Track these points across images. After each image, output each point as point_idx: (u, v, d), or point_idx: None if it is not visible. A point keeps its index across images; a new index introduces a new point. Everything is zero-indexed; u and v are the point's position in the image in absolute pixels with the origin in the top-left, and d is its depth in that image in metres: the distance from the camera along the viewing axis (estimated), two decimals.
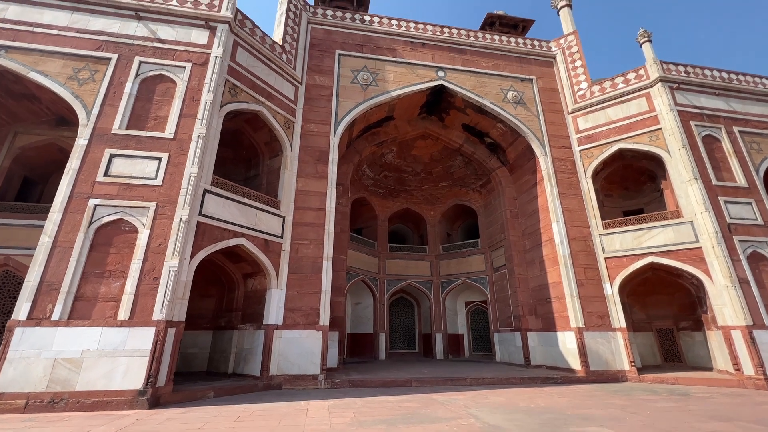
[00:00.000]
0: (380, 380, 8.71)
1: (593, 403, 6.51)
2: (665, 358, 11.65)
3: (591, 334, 10.10)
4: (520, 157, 13.19)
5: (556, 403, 6.57)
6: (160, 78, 8.33)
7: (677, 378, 9.22)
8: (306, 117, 11.04)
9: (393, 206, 16.92)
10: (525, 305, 12.38)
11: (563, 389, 8.21)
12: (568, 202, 11.59)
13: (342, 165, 13.04)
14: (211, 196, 7.97)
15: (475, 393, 7.67)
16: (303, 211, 9.92)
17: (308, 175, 10.34)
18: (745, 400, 6.93)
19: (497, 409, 5.98)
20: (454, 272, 15.67)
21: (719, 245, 9.36)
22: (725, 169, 10.54)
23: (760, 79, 12.24)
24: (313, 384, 8.36)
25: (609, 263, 10.83)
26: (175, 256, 6.89)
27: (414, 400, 6.78)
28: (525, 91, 13.11)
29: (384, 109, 12.64)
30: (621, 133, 11.68)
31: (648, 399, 7.00)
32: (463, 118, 13.60)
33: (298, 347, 8.61)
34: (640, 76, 11.87)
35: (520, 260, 12.98)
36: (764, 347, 8.53)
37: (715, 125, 11.08)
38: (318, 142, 10.83)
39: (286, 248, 9.39)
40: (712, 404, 6.45)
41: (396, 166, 15.83)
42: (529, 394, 7.57)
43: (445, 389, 8.18)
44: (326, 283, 9.35)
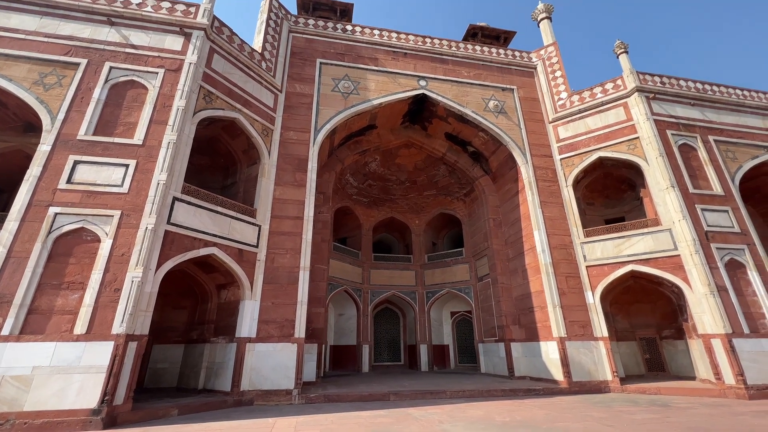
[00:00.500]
0: (357, 395, 8.42)
1: (571, 416, 6.33)
2: (649, 368, 11.55)
3: (573, 344, 9.96)
4: (502, 166, 13.21)
5: (534, 416, 6.38)
6: (131, 84, 8.14)
7: (659, 388, 9.10)
8: (285, 125, 10.92)
9: (377, 215, 16.78)
10: (508, 315, 12.23)
11: (544, 401, 8.02)
12: (550, 210, 11.58)
13: (323, 173, 12.91)
14: (181, 204, 7.73)
15: (454, 407, 7.44)
16: (280, 220, 9.71)
17: (286, 183, 10.17)
18: (724, 410, 6.82)
19: (472, 424, 5.76)
20: (439, 282, 15.50)
21: (697, 253, 9.37)
22: (702, 177, 10.65)
23: (734, 90, 12.51)
24: (287, 399, 8.04)
25: (590, 272, 10.78)
26: (139, 267, 6.61)
27: (388, 416, 6.53)
28: (506, 100, 13.20)
29: (366, 118, 12.59)
30: (600, 141, 11.78)
31: (627, 411, 6.84)
32: (446, 126, 13.62)
33: (271, 361, 8.29)
34: (618, 86, 12.04)
35: (504, 269, 12.88)
36: (744, 356, 8.47)
37: (691, 134, 11.24)
38: (297, 150, 10.69)
39: (262, 258, 9.14)
40: (691, 415, 6.32)
41: (380, 174, 15.74)
42: (508, 407, 7.36)
43: (423, 403, 7.92)
44: (303, 294, 9.09)
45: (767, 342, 8.69)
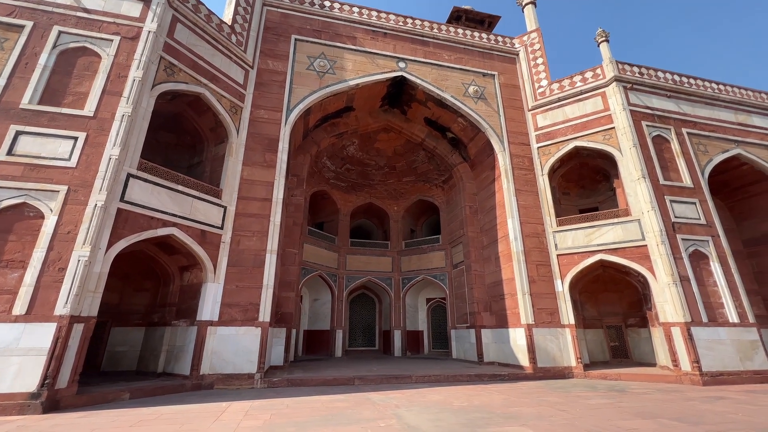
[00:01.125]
0: (322, 379, 8.34)
1: (528, 401, 6.38)
2: (613, 354, 11.84)
3: (540, 330, 10.08)
4: (481, 153, 13.09)
5: (492, 401, 6.40)
6: (83, 51, 7.59)
7: (620, 374, 9.32)
8: (256, 103, 10.48)
9: (356, 201, 16.54)
10: (480, 302, 12.30)
11: (506, 387, 8.10)
12: (524, 198, 11.56)
13: (297, 155, 12.56)
14: (136, 181, 7.34)
15: (416, 391, 7.43)
16: (247, 201, 9.39)
17: (255, 163, 9.81)
18: (677, 396, 6.99)
19: (428, 409, 5.74)
20: (415, 268, 15.48)
21: (663, 243, 9.51)
22: (673, 169, 10.75)
23: (710, 83, 12.59)
24: (249, 383, 7.90)
25: (561, 260, 10.87)
26: (87, 246, 6.26)
27: (347, 400, 6.46)
28: (486, 86, 12.99)
29: (342, 99, 12.22)
30: (577, 131, 11.74)
31: (584, 395, 6.95)
32: (425, 111, 13.36)
33: (233, 345, 8.11)
34: (597, 75, 11.95)
35: (478, 256, 12.89)
36: (701, 343, 8.70)
37: (666, 126, 11.29)
38: (268, 129, 10.30)
39: (227, 240, 8.85)
40: (644, 401, 6.45)
41: (359, 159, 15.45)
42: (470, 392, 7.40)
43: (387, 388, 7.90)
44: (269, 278, 8.87)
45: (723, 331, 8.94)
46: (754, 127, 12.38)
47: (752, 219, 12.96)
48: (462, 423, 4.83)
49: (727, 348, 8.81)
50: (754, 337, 9.07)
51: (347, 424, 4.76)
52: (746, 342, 8.97)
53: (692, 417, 5.16)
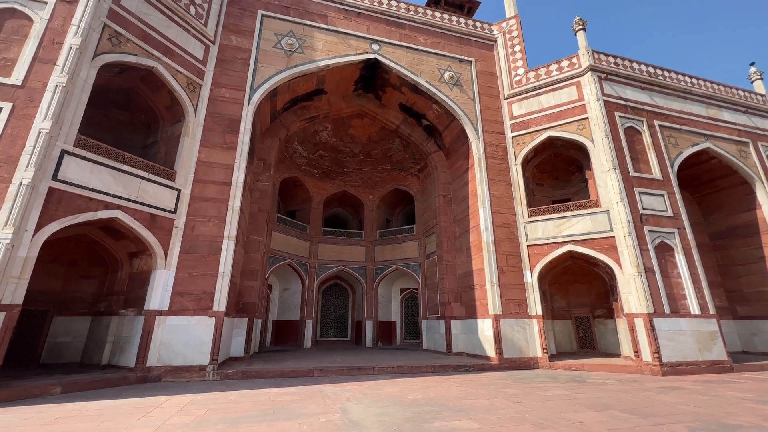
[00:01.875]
0: (279, 371, 8.02)
1: (485, 393, 6.21)
2: (581, 345, 11.92)
3: (507, 321, 9.99)
4: (455, 141, 12.81)
5: (448, 392, 6.21)
6: (11, 13, 6.87)
7: (584, 365, 9.32)
8: (217, 81, 9.87)
9: (330, 188, 16.09)
10: (451, 292, 12.15)
11: (468, 378, 7.95)
12: (497, 188, 11.37)
13: (265, 139, 12.01)
14: (73, 159, 6.74)
15: (375, 383, 7.19)
16: (204, 185, 8.86)
17: (214, 145, 9.26)
18: (635, 386, 6.96)
19: (379, 402, 5.48)
20: (389, 258, 15.23)
21: (630, 235, 9.47)
22: (643, 161, 10.71)
23: (683, 77, 12.59)
24: (200, 376, 7.50)
25: (531, 251, 10.77)
26: (9, 227, 5.68)
27: (298, 393, 6.15)
28: (463, 72, 12.66)
29: (312, 81, 11.68)
30: (551, 120, 11.57)
31: (543, 387, 6.84)
32: (400, 97, 12.96)
33: (184, 335, 7.67)
34: (573, 64, 11.77)
35: (450, 247, 12.70)
36: (662, 334, 8.74)
37: (638, 118, 11.23)
38: (229, 109, 9.72)
39: (180, 225, 8.34)
40: (601, 392, 6.37)
41: (332, 145, 14.96)
42: (430, 383, 7.20)
43: (347, 379, 7.64)
44: (225, 266, 8.42)
45: (685, 322, 9.01)
46: (724, 122, 12.48)
47: (718, 213, 13.16)
48: (408, 417, 4.59)
49: (687, 339, 8.89)
50: (714, 328, 9.18)
51: (285, 420, 4.46)
52: (706, 333, 9.08)
53: (644, 408, 5.06)
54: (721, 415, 4.74)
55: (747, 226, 12.32)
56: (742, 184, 12.41)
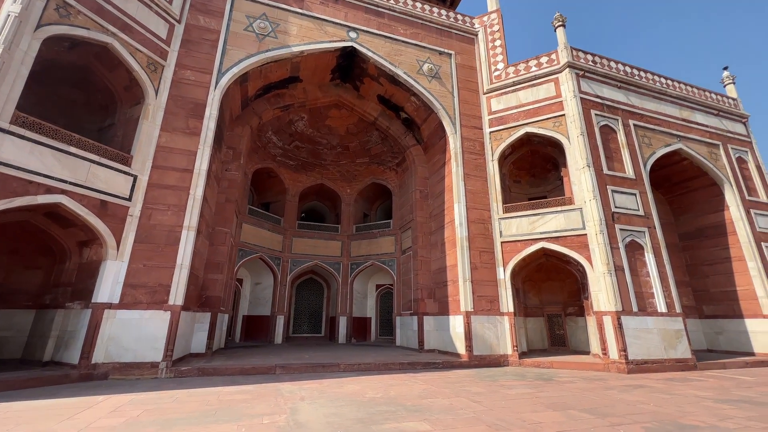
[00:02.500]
0: (239, 368, 7.65)
1: (448, 392, 6.02)
2: (552, 342, 11.94)
3: (479, 318, 9.87)
4: (433, 135, 12.59)
5: (410, 391, 5.99)
6: None
7: (552, 362, 9.28)
8: (182, 62, 9.34)
9: (306, 181, 15.67)
10: (424, 288, 11.97)
11: (435, 375, 7.77)
12: (473, 183, 11.22)
13: (235, 126, 11.52)
14: (8, 137, 6.18)
15: (336, 381, 6.92)
16: (163, 171, 8.36)
17: (176, 129, 8.75)
18: (599, 384, 6.91)
19: (334, 401, 5.21)
20: (365, 254, 14.96)
21: (602, 233, 9.46)
22: (617, 160, 10.73)
23: (659, 77, 12.70)
24: (151, 373, 7.07)
25: (505, 247, 10.67)
26: None
27: (251, 392, 5.82)
28: (442, 65, 12.42)
29: (286, 67, 11.24)
30: (529, 117, 11.47)
31: (509, 385, 6.71)
32: (378, 88, 12.64)
33: (136, 330, 7.21)
34: (552, 60, 11.68)
35: (425, 242, 12.51)
36: (629, 332, 8.77)
37: (614, 116, 11.24)
38: (194, 92, 9.21)
39: (135, 213, 7.83)
40: (564, 390, 6.27)
41: (309, 136, 14.53)
42: (394, 381, 6.98)
43: (309, 377, 7.34)
44: (184, 257, 7.97)
45: (651, 320, 9.07)
46: (696, 124, 12.67)
47: (689, 213, 13.39)
48: (359, 418, 4.34)
49: (654, 337, 8.95)
50: (679, 327, 9.28)
51: (225, 422, 4.14)
52: (671, 331, 9.16)
53: (604, 408, 4.96)
54: (678, 414, 4.66)
55: (715, 227, 12.56)
56: (711, 186, 12.64)
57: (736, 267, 11.86)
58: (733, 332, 11.68)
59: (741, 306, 11.61)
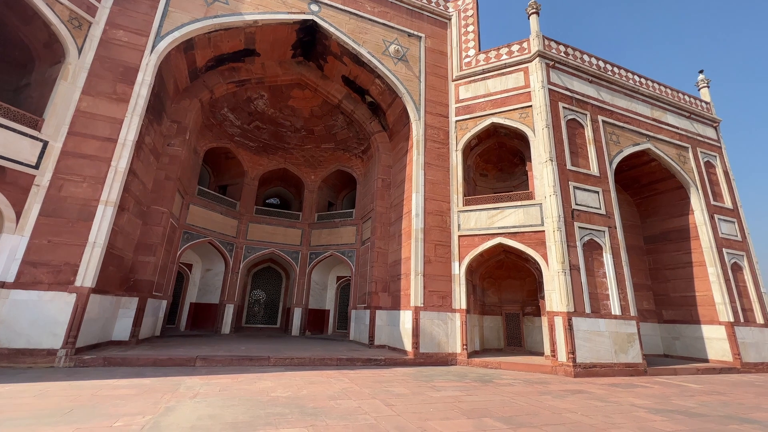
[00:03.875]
0: (153, 358, 6.96)
1: (368, 392, 5.47)
2: (508, 342, 11.57)
3: (428, 314, 9.37)
4: (398, 122, 11.97)
5: (325, 390, 5.42)
6: None
7: (500, 363, 8.86)
8: (114, 21, 8.46)
9: (268, 164, 14.88)
10: (379, 281, 11.42)
11: (367, 373, 7.23)
12: (434, 173, 10.67)
13: (182, 99, 10.67)
14: None
15: (254, 376, 6.30)
16: (82, 139, 7.53)
17: (101, 94, 7.90)
18: (537, 389, 6.47)
19: (227, 400, 4.60)
20: (325, 243, 14.31)
21: (559, 230, 9.04)
22: (582, 156, 10.31)
23: (632, 75, 12.33)
24: (47, 361, 6.32)
25: (462, 241, 10.18)
26: None
27: (142, 387, 5.15)
28: (411, 48, 11.78)
29: (239, 38, 10.41)
30: (496, 106, 10.95)
31: (440, 386, 6.21)
32: (342, 68, 11.92)
33: (33, 313, 6.44)
34: (523, 49, 11.16)
35: (383, 233, 11.94)
36: (580, 334, 8.40)
37: (582, 111, 10.81)
38: (126, 55, 8.36)
39: (44, 183, 7.01)
40: (496, 394, 5.80)
41: (270, 117, 13.73)
42: (319, 378, 6.40)
43: (229, 370, 6.71)
44: (98, 234, 7.18)
45: (604, 322, 8.72)
46: (666, 125, 12.37)
47: (655, 216, 13.16)
48: (236, 423, 3.73)
49: (605, 340, 8.60)
50: (632, 330, 8.96)
51: (71, 423, 3.49)
52: (624, 335, 8.84)
53: (525, 416, 4.48)
54: (603, 426, 4.21)
55: (679, 231, 12.35)
56: (678, 189, 12.40)
57: (697, 272, 11.67)
58: (690, 338, 11.52)
59: (699, 312, 11.44)
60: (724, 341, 10.67)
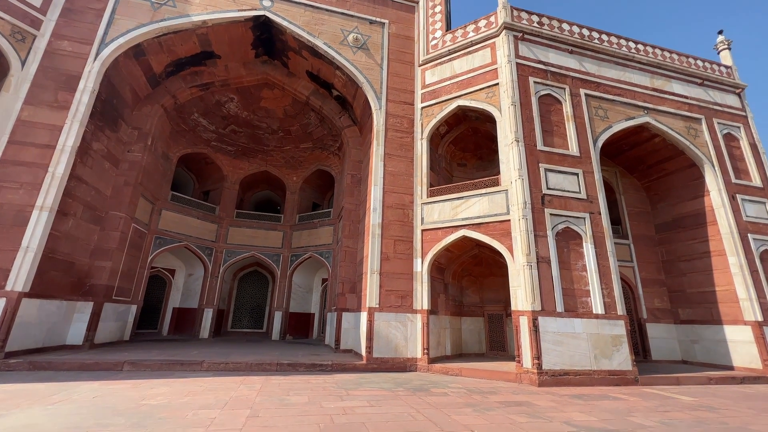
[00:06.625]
0: (78, 362, 6.86)
1: (259, 401, 4.91)
2: (491, 346, 10.47)
3: (384, 315, 8.62)
4: (364, 113, 11.38)
5: (213, 398, 4.93)
6: None
7: (462, 369, 7.90)
8: (59, 32, 8.69)
9: (248, 168, 14.85)
10: (347, 281, 10.81)
11: (294, 380, 6.64)
12: (395, 164, 9.94)
13: (143, 106, 10.82)
14: None
15: (161, 382, 5.96)
16: (21, 147, 7.72)
17: (42, 103, 8.09)
18: (473, 400, 5.56)
19: (84, 408, 4.24)
20: (305, 245, 13.95)
21: (525, 218, 7.97)
22: (558, 134, 9.13)
23: (626, 41, 10.87)
24: None
25: (425, 236, 9.34)
26: None
27: (16, 392, 4.97)
28: (372, 35, 11.18)
29: (193, 41, 10.39)
30: (462, 88, 10.04)
31: (352, 396, 5.49)
32: (304, 63, 11.58)
33: None
34: (490, 23, 10.19)
35: (352, 231, 11.34)
36: (548, 337, 7.27)
37: (560, 85, 9.61)
38: (69, 64, 8.53)
39: None
40: (409, 406, 5.00)
41: (245, 120, 13.68)
42: (227, 385, 5.92)
43: (149, 375, 6.44)
44: (32, 239, 7.26)
45: (580, 323, 7.51)
46: (672, 95, 10.74)
47: (666, 201, 11.45)
48: None
49: (581, 343, 7.39)
50: (619, 332, 7.66)
51: None
52: (607, 337, 7.56)
53: None
54: None
55: (694, 216, 10.61)
56: (690, 167, 10.68)
57: (716, 263, 9.91)
58: (711, 341, 9.76)
59: (720, 309, 9.68)
60: (751, 344, 8.90)
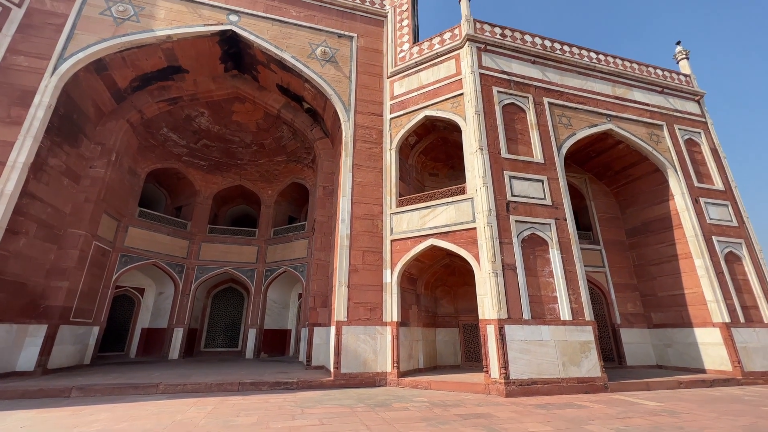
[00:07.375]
0: (21, 390, 6.46)
1: (202, 424, 4.64)
2: (467, 357, 10.29)
3: (353, 329, 8.41)
4: (334, 125, 11.38)
5: (153, 423, 4.64)
6: None
7: (431, 382, 7.70)
8: (15, 47, 8.54)
9: (222, 182, 14.65)
10: (318, 296, 10.59)
11: (252, 400, 6.35)
12: (363, 175, 9.89)
13: (108, 121, 10.63)
14: None
15: (107, 407, 5.63)
16: None
17: None
18: (433, 414, 5.37)
19: None
20: (279, 259, 13.70)
21: (490, 225, 7.95)
22: (523, 142, 9.23)
23: (587, 52, 11.19)
24: None
25: (394, 246, 9.24)
26: None
27: None
28: (341, 48, 11.29)
29: (158, 55, 10.31)
30: (428, 98, 10.14)
31: (307, 414, 5.26)
32: (273, 76, 11.59)
33: None
34: (455, 36, 10.39)
35: (324, 243, 11.18)
36: (515, 345, 7.16)
37: (523, 94, 9.78)
38: (24, 79, 8.36)
39: None
40: (359, 423, 4.79)
41: (217, 134, 13.55)
42: (177, 408, 5.62)
43: (94, 401, 6.09)
44: None
45: (548, 330, 7.43)
46: (633, 102, 11.03)
47: (634, 206, 11.62)
48: None
49: (549, 351, 7.29)
50: (588, 338, 7.59)
51: None
52: (576, 344, 7.48)
53: None
54: None
55: (661, 220, 10.76)
56: (654, 172, 10.90)
57: (683, 266, 10.02)
58: (682, 344, 9.78)
59: (690, 312, 9.73)
60: (721, 346, 8.93)
